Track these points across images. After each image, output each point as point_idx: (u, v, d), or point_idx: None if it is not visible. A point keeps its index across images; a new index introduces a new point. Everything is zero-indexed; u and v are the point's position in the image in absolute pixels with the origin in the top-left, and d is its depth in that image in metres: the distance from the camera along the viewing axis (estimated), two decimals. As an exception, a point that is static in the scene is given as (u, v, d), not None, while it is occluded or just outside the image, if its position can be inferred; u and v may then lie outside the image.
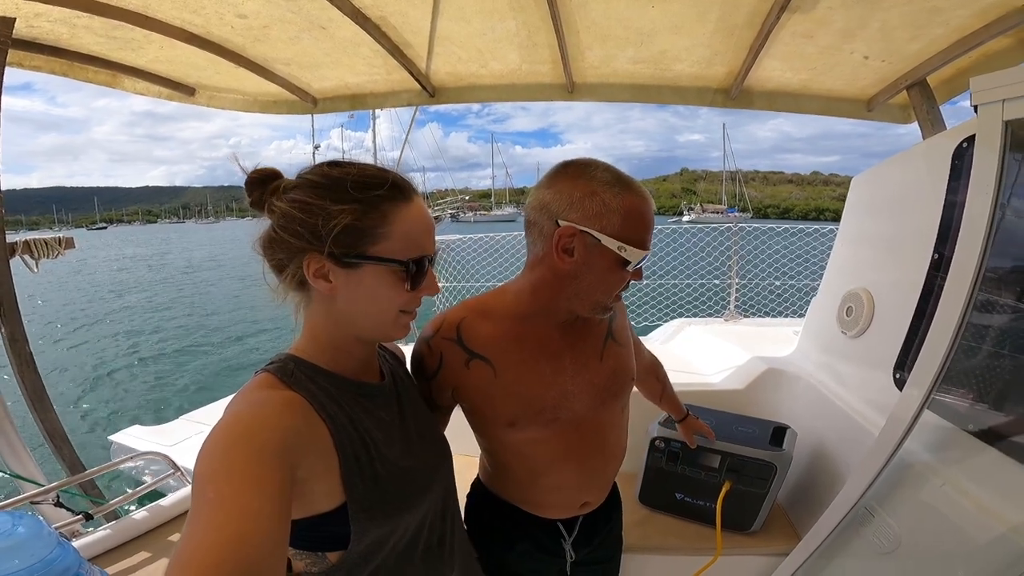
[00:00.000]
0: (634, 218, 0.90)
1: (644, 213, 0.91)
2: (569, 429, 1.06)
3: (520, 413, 1.02)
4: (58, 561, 0.96)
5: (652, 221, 0.94)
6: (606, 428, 1.12)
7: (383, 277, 0.74)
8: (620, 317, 1.15)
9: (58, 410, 2.03)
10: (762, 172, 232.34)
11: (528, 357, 1.02)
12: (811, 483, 1.83)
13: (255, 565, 0.51)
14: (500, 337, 1.01)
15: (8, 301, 1.83)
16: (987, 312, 1.19)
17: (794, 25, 1.61)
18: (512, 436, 1.05)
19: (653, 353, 1.48)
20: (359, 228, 0.72)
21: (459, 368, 1.00)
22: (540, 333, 1.03)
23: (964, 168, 1.41)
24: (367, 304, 0.76)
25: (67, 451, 1.99)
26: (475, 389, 1.01)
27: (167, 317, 15.70)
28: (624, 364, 1.12)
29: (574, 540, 1.19)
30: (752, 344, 2.81)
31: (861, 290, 1.81)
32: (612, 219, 0.88)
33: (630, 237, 0.89)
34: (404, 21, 1.79)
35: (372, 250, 0.73)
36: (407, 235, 0.75)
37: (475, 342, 1.00)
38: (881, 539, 1.29)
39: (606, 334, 1.10)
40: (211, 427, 0.63)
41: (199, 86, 2.43)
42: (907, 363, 1.54)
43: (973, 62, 1.75)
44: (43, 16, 1.65)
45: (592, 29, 1.77)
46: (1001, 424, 1.22)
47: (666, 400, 1.53)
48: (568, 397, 1.04)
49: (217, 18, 1.71)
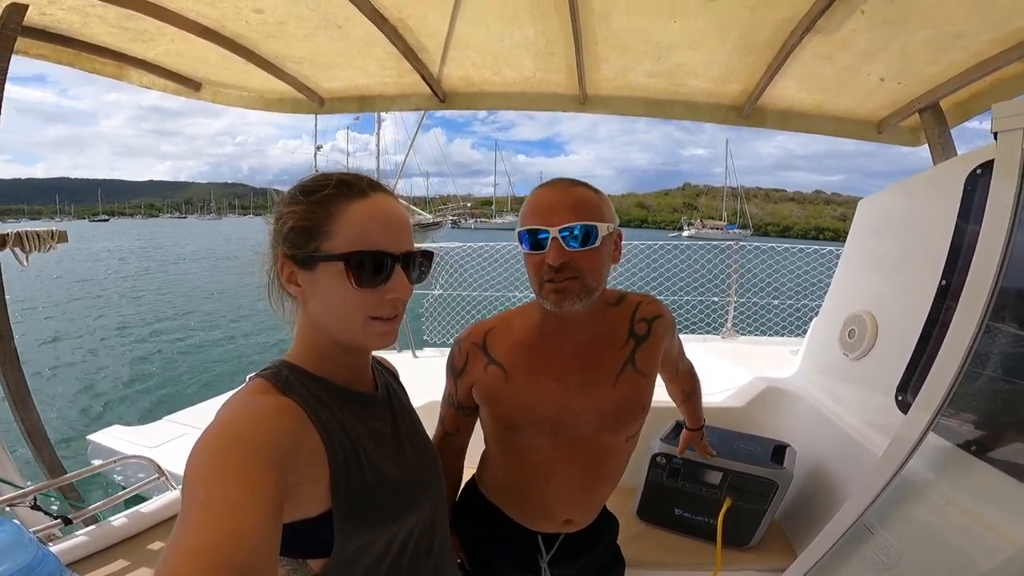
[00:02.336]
0: (527, 206, 1.00)
1: (530, 201, 1.00)
2: (565, 444, 1.09)
3: (520, 417, 1.08)
4: (39, 568, 0.93)
5: (537, 203, 0.99)
6: (604, 452, 1.13)
7: (335, 276, 0.72)
8: (652, 344, 1.12)
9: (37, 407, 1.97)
10: (764, 189, 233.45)
11: (538, 368, 1.08)
12: (809, 500, 1.84)
13: (248, 568, 0.49)
14: (517, 347, 1.09)
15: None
16: (991, 336, 1.19)
17: (816, 46, 1.62)
18: (511, 438, 1.12)
19: (691, 366, 1.44)
20: (308, 227, 0.72)
21: (479, 370, 1.10)
22: (554, 349, 1.08)
23: (977, 195, 1.41)
24: (326, 306, 0.74)
25: (47, 452, 1.94)
26: (487, 389, 1.10)
27: (158, 313, 15.47)
28: (638, 394, 1.11)
29: (552, 558, 1.22)
30: (749, 362, 2.82)
31: (864, 312, 1.82)
32: (520, 216, 1.01)
33: (523, 223, 0.99)
34: (422, 24, 1.79)
35: (322, 248, 0.72)
36: (354, 229, 0.72)
37: (496, 349, 1.10)
38: (880, 556, 1.28)
39: (626, 361, 1.09)
40: (196, 429, 0.61)
41: (206, 81, 2.42)
42: (910, 386, 1.55)
43: (987, 86, 1.77)
44: (57, 3, 1.63)
45: (611, 40, 1.77)
46: (1003, 444, 1.22)
47: (686, 408, 1.54)
48: (571, 414, 1.07)
49: (234, 12, 1.70)
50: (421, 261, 0.80)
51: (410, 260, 0.77)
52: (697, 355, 3.26)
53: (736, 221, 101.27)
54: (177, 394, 8.07)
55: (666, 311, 1.15)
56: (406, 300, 0.78)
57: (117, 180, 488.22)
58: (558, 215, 0.94)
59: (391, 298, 0.74)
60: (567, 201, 0.96)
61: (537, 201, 0.98)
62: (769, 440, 1.87)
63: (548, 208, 0.96)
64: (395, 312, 0.77)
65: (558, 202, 0.96)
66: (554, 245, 0.94)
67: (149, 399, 7.92)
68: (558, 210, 0.95)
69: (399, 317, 0.79)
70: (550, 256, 0.94)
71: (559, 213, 0.95)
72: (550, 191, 0.99)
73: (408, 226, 0.79)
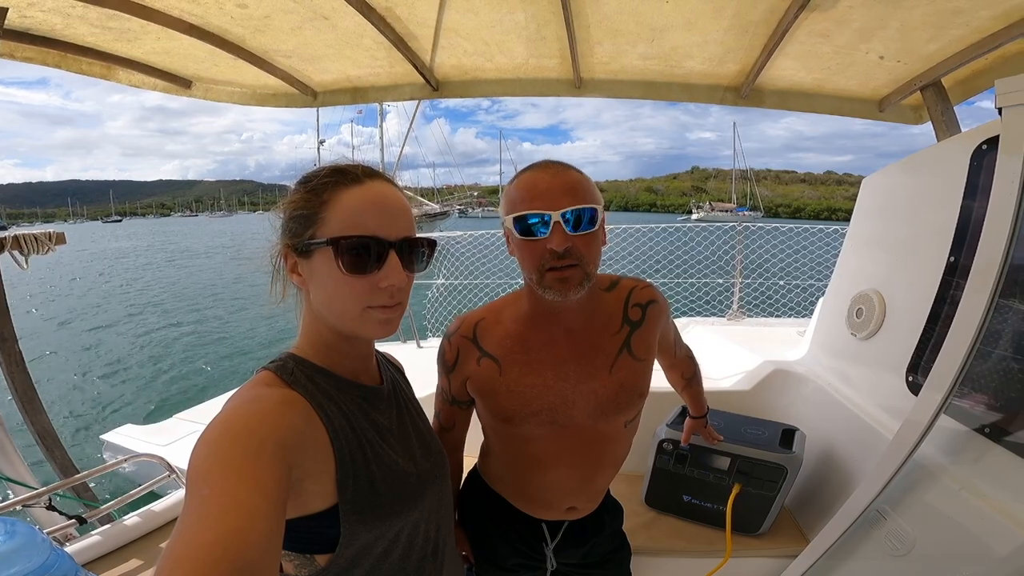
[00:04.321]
0: (513, 192, 0.96)
1: (520, 184, 0.96)
2: (565, 433, 1.08)
3: (517, 410, 1.06)
4: (54, 569, 0.94)
5: (532, 185, 0.94)
6: (604, 439, 1.12)
7: (329, 262, 0.71)
8: (648, 328, 1.11)
9: (47, 407, 1.98)
10: (774, 171, 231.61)
11: (533, 359, 1.05)
12: (819, 485, 1.82)
13: (250, 564, 0.49)
14: (509, 338, 1.07)
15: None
16: (1002, 314, 1.16)
17: (811, 24, 1.59)
18: (508, 430, 1.11)
19: (689, 350, 1.44)
20: (304, 215, 0.73)
21: (472, 364, 1.08)
22: (547, 337, 1.06)
23: (983, 171, 1.38)
24: (324, 294, 0.74)
25: (59, 453, 1.95)
26: (481, 383, 1.08)
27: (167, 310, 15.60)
28: (635, 380, 1.10)
29: (557, 545, 1.23)
30: (755, 344, 2.80)
31: (872, 292, 1.78)
32: (507, 202, 0.97)
33: (514, 209, 0.94)
34: (410, 12, 1.75)
35: (316, 235, 0.72)
36: (345, 214, 0.71)
37: (487, 341, 1.08)
38: (894, 542, 1.27)
39: (621, 347, 1.08)
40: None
41: (196, 78, 2.39)
42: (920, 366, 1.52)
43: (989, 64, 1.73)
44: (36, 6, 1.61)
45: (603, 24, 1.73)
46: (1018, 427, 1.19)
47: (688, 394, 1.53)
48: (568, 403, 1.06)
49: (217, 8, 1.67)
50: (420, 248, 0.78)
51: (407, 247, 0.75)
52: (703, 337, 3.28)
53: (746, 203, 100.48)
54: (193, 387, 8.25)
55: (660, 295, 1.13)
56: (404, 288, 0.75)
57: (127, 180, 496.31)
58: (558, 199, 0.91)
59: (386, 286, 0.72)
60: (564, 185, 0.93)
61: (532, 184, 0.94)
62: (777, 424, 1.84)
63: (546, 192, 0.92)
64: (394, 301, 0.75)
65: (555, 186, 0.93)
66: (557, 230, 0.91)
67: (167, 395, 8.04)
68: (556, 194, 0.92)
69: (401, 306, 0.77)
70: (554, 241, 0.91)
71: (559, 197, 0.91)
72: (544, 174, 0.95)
73: (406, 212, 0.77)
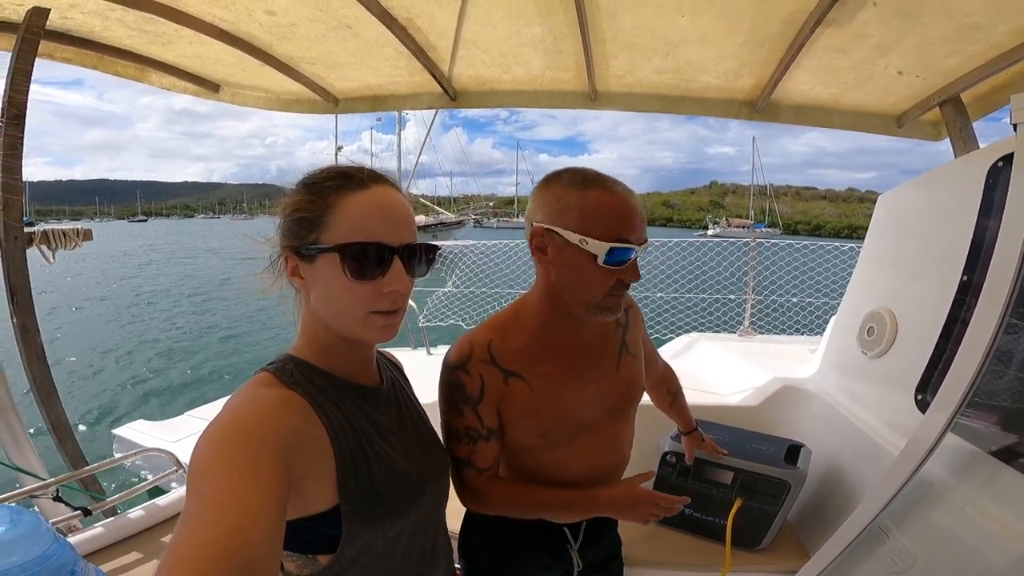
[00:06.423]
0: (595, 212, 0.90)
1: (606, 206, 0.90)
2: (588, 437, 1.08)
3: (552, 425, 1.04)
4: (54, 558, 0.95)
5: (623, 215, 0.91)
6: (619, 436, 1.15)
7: (333, 267, 0.70)
8: (633, 328, 1.16)
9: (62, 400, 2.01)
10: (794, 187, 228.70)
11: (556, 369, 1.04)
12: (823, 501, 1.79)
13: (251, 562, 0.49)
14: (528, 351, 1.03)
15: (22, 292, 1.81)
16: (1012, 334, 1.15)
17: (827, 39, 1.59)
18: (538, 444, 1.07)
19: (667, 363, 1.47)
20: (307, 218, 0.72)
21: (500, 387, 1.01)
22: (562, 345, 1.05)
23: (999, 188, 1.37)
24: (326, 299, 0.73)
25: (71, 445, 1.97)
26: (516, 405, 1.02)
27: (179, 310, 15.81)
28: (637, 375, 1.16)
29: (580, 545, 1.21)
30: (766, 361, 2.77)
31: (884, 310, 1.76)
32: (572, 215, 0.90)
33: (592, 231, 0.89)
34: (431, 23, 1.80)
35: (320, 239, 0.71)
36: (351, 220, 0.71)
37: (507, 360, 1.02)
38: (895, 558, 1.25)
39: (620, 345, 1.12)
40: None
41: (224, 83, 2.47)
42: (930, 385, 1.50)
43: (1008, 79, 1.72)
44: (78, 8, 1.69)
45: (619, 38, 1.76)
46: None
47: (675, 410, 1.52)
48: (592, 405, 1.07)
49: (247, 14, 1.74)
50: (424, 255, 0.78)
51: (410, 253, 0.75)
52: (712, 353, 3.25)
53: (764, 219, 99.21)
54: (210, 384, 8.30)
55: (632, 300, 1.18)
56: (406, 294, 0.76)
57: (154, 181, 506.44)
58: (642, 230, 0.91)
59: (389, 291, 0.72)
60: (640, 213, 0.92)
61: (623, 208, 0.90)
62: (783, 440, 1.82)
63: (636, 219, 0.91)
64: (395, 306, 0.75)
65: (638, 215, 0.92)
66: (635, 261, 0.91)
67: (179, 392, 8.11)
68: (640, 225, 0.91)
69: (401, 311, 0.77)
70: (633, 273, 0.91)
71: (642, 227, 0.91)
72: (625, 199, 0.91)
73: (409, 218, 0.77)
